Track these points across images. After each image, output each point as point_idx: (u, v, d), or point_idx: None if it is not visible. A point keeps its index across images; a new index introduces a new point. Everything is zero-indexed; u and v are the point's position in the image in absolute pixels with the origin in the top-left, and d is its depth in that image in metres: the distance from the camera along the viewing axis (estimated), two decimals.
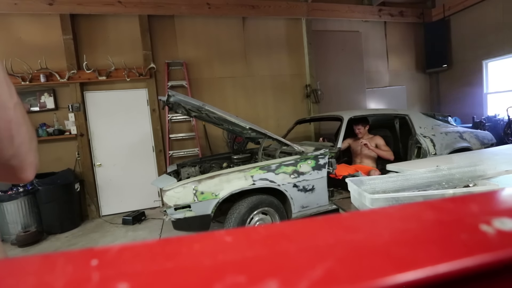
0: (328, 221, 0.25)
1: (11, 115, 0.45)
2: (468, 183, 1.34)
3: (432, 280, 0.17)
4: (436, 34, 5.93)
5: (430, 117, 3.55)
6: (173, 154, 4.47)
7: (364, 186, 1.39)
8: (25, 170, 0.51)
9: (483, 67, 5.52)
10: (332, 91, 5.42)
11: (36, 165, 0.52)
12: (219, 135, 4.72)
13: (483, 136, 3.61)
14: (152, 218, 3.87)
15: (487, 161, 1.87)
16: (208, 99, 4.56)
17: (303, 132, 5.05)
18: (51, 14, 3.93)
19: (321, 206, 2.70)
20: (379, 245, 0.20)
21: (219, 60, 4.79)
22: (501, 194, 0.31)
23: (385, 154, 3.09)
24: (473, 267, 0.17)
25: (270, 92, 5.10)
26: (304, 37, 5.16)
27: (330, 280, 0.16)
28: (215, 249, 0.21)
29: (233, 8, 4.65)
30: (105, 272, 0.18)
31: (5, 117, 0.44)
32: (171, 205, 2.25)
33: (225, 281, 0.17)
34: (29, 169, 0.51)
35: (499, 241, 0.20)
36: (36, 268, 0.20)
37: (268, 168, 2.49)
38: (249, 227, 0.30)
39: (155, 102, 4.37)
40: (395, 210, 0.28)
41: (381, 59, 6.09)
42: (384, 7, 5.73)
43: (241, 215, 2.39)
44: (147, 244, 0.22)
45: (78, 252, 0.22)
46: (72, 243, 3.33)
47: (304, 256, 0.19)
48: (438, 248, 0.19)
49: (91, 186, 4.17)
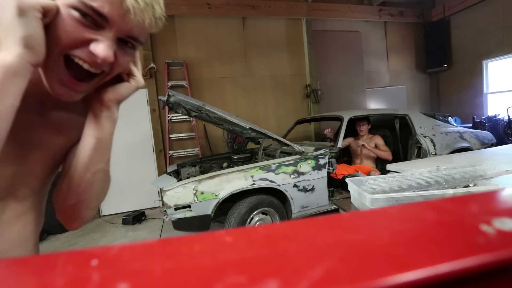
0: (328, 221, 0.25)
1: (89, 177, 0.52)
2: (468, 183, 1.34)
3: (432, 280, 0.17)
4: (436, 34, 5.93)
5: (430, 117, 3.54)
6: (173, 154, 4.47)
7: (364, 186, 1.39)
8: (75, 222, 0.57)
9: (483, 67, 5.52)
10: (332, 91, 5.42)
11: (86, 221, 0.58)
12: (219, 135, 4.72)
13: (483, 136, 3.61)
14: (152, 218, 3.87)
15: (487, 161, 1.87)
16: (208, 99, 4.56)
17: (303, 132, 5.05)
18: None
19: (321, 206, 2.70)
20: (379, 245, 0.20)
21: (219, 60, 4.79)
22: (501, 194, 0.31)
23: (383, 154, 3.11)
24: (473, 267, 0.17)
25: (270, 92, 5.10)
26: (304, 37, 5.16)
27: (330, 280, 0.16)
28: (215, 249, 0.21)
29: (233, 8, 4.65)
30: (105, 272, 0.18)
31: (84, 176, 0.51)
32: (171, 205, 2.25)
33: (225, 281, 0.17)
34: (78, 223, 0.57)
35: (499, 241, 0.20)
36: (36, 268, 0.20)
37: (268, 168, 2.49)
38: (249, 227, 0.30)
39: (155, 102, 4.36)
40: (395, 210, 0.28)
41: (381, 59, 6.09)
42: (384, 7, 5.73)
43: (241, 215, 2.39)
44: (147, 244, 0.22)
45: (78, 252, 0.22)
46: (72, 243, 3.33)
47: (304, 256, 0.19)
48: (438, 248, 0.19)
49: None
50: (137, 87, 0.52)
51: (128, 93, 0.51)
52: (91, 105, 0.51)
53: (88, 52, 0.42)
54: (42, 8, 0.37)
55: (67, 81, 0.44)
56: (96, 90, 0.50)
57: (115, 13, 0.41)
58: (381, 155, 3.12)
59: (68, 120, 0.54)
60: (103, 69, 0.45)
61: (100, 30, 0.42)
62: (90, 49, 0.41)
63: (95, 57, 0.42)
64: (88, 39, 0.41)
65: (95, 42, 0.42)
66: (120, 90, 0.50)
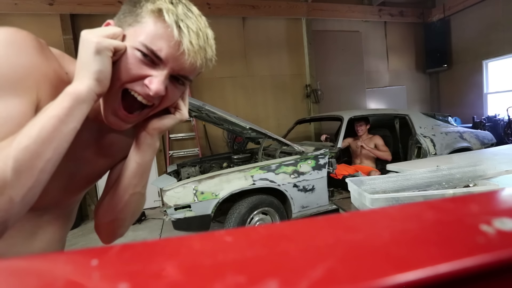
0: (328, 221, 0.25)
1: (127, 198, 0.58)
2: (468, 183, 1.34)
3: (432, 280, 0.17)
4: (436, 34, 5.93)
5: (430, 117, 3.55)
6: (173, 154, 4.47)
7: (364, 186, 1.39)
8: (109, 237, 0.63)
9: (483, 67, 5.52)
10: (332, 91, 5.42)
11: (120, 236, 0.64)
12: (219, 135, 4.72)
13: (483, 136, 3.61)
14: (152, 218, 3.87)
15: (487, 161, 1.87)
16: (208, 99, 4.56)
17: (303, 132, 5.05)
18: (51, 14, 3.93)
19: (321, 206, 2.70)
20: (379, 245, 0.20)
21: (219, 60, 4.61)
22: (501, 194, 0.31)
23: (382, 154, 3.11)
24: (473, 267, 0.17)
25: (270, 92, 5.10)
26: (304, 37, 5.15)
27: (330, 280, 0.16)
28: (215, 249, 0.21)
29: (233, 8, 4.65)
30: (105, 272, 0.18)
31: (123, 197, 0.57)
32: (171, 205, 2.25)
33: (225, 281, 0.17)
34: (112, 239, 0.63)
35: (499, 241, 0.20)
36: (36, 268, 0.20)
37: (268, 168, 2.49)
38: (249, 227, 0.30)
39: None
40: (395, 210, 0.28)
41: (381, 59, 6.09)
42: (384, 7, 5.72)
43: (241, 215, 2.39)
44: (147, 244, 0.22)
45: (78, 252, 0.22)
46: (72, 243, 3.33)
47: (304, 256, 0.19)
48: (438, 248, 0.19)
49: (92, 187, 4.16)
50: (181, 120, 0.56)
51: (171, 124, 0.56)
52: (137, 133, 0.56)
53: (142, 85, 0.47)
54: (114, 48, 0.44)
55: (120, 113, 0.50)
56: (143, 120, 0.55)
57: (170, 55, 0.46)
58: (380, 156, 3.12)
59: (117, 144, 0.61)
60: (154, 101, 0.50)
61: (156, 68, 0.47)
62: (145, 83, 0.47)
63: (149, 90, 0.47)
64: (144, 75, 0.47)
65: (150, 77, 0.47)
66: (164, 121, 0.55)
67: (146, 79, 0.47)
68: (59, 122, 0.40)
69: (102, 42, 0.42)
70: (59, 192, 0.53)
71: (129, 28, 0.46)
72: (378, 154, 3.12)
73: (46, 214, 0.53)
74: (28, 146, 0.37)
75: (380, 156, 3.12)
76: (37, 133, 0.38)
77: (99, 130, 0.56)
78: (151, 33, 0.45)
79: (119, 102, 0.49)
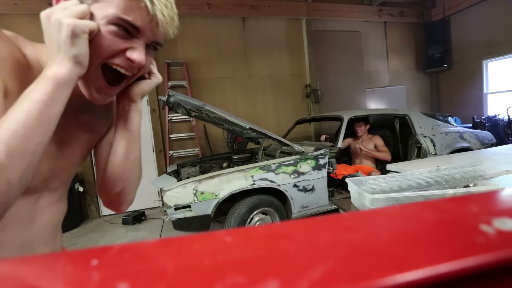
0: (328, 221, 0.25)
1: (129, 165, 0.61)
2: (468, 183, 1.34)
3: (432, 280, 0.17)
4: (436, 34, 5.93)
5: (430, 117, 3.55)
6: (173, 154, 4.47)
7: (364, 186, 1.39)
8: (123, 205, 0.67)
9: (483, 67, 5.52)
10: (332, 91, 5.42)
11: (131, 203, 0.69)
12: (219, 135, 4.72)
13: (483, 136, 3.61)
14: (152, 218, 3.87)
15: (487, 161, 1.87)
16: (208, 99, 4.56)
17: (303, 132, 5.05)
18: None
19: (321, 206, 2.70)
20: (379, 245, 0.20)
21: (219, 60, 4.78)
22: (501, 194, 0.31)
23: (382, 155, 3.11)
24: (473, 267, 0.17)
25: (270, 92, 5.10)
26: (304, 37, 5.15)
27: (330, 280, 0.16)
28: (215, 249, 0.21)
29: (233, 8, 4.65)
30: (105, 272, 0.18)
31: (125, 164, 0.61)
32: (171, 205, 2.25)
33: (225, 281, 0.17)
34: (126, 206, 0.68)
35: (499, 241, 0.20)
36: (36, 268, 0.20)
37: (268, 168, 2.49)
38: (249, 227, 0.30)
39: (155, 102, 4.36)
40: (395, 210, 0.28)
41: (381, 59, 6.09)
42: (384, 7, 5.72)
43: (241, 215, 2.39)
44: (147, 244, 0.22)
45: (78, 252, 0.22)
46: (72, 243, 3.33)
47: (304, 256, 0.19)
48: (438, 248, 0.19)
49: (91, 186, 4.16)
50: (157, 82, 0.61)
51: (150, 88, 0.60)
52: (120, 103, 0.59)
53: (124, 58, 0.49)
54: (89, 30, 0.44)
55: (104, 88, 0.52)
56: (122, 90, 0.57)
57: (146, 26, 0.49)
58: (379, 157, 3.13)
59: (95, 118, 0.63)
60: (134, 71, 0.52)
61: (132, 39, 0.49)
62: (127, 55, 0.49)
63: (131, 62, 0.49)
64: (124, 48, 0.49)
65: (131, 49, 0.49)
66: (143, 86, 0.59)
67: (128, 51, 0.49)
68: (45, 106, 0.41)
69: (78, 25, 0.43)
70: (49, 175, 0.55)
71: (94, 4, 0.46)
72: (377, 155, 3.13)
73: (41, 199, 0.55)
74: (17, 131, 0.39)
75: (379, 157, 3.12)
76: (24, 118, 0.39)
77: (75, 108, 0.57)
78: (121, 5, 0.46)
79: (101, 78, 0.50)
